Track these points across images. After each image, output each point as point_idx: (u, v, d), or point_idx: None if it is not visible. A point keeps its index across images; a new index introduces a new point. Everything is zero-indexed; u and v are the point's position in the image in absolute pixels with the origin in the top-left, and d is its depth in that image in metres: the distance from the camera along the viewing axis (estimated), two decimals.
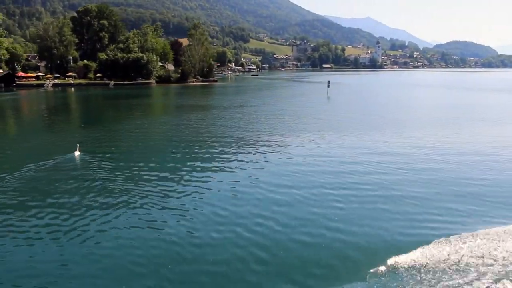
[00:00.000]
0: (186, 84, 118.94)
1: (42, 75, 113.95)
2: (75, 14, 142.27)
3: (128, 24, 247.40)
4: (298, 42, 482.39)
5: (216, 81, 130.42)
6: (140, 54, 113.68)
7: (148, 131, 36.27)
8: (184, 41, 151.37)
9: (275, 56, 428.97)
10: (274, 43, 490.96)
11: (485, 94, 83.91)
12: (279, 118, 42.11)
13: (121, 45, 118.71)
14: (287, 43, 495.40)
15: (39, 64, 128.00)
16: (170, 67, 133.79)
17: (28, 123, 46.71)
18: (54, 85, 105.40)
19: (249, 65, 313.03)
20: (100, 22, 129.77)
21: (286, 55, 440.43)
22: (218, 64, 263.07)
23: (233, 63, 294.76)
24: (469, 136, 32.44)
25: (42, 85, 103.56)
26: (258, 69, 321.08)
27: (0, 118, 49.23)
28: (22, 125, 45.66)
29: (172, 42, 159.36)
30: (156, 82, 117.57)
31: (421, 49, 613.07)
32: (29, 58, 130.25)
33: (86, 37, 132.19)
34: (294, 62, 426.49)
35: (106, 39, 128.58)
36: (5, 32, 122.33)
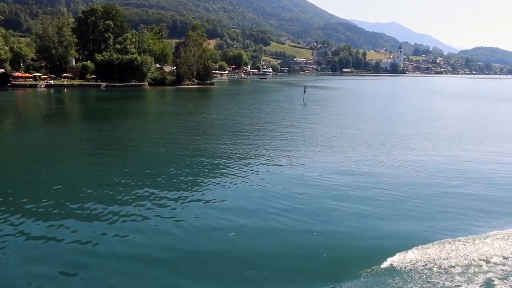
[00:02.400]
0: (180, 87, 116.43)
1: (39, 76, 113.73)
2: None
3: (149, 25, 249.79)
4: (319, 46, 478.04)
5: (212, 84, 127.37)
6: (134, 56, 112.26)
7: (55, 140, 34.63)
8: None
9: (295, 59, 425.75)
10: (295, 47, 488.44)
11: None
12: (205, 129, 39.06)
13: (118, 46, 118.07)
14: (308, 47, 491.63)
15: (42, 64, 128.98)
16: (168, 68, 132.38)
17: None
18: (47, 85, 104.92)
19: (264, 68, 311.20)
20: (106, 22, 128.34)
21: (306, 59, 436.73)
22: (233, 66, 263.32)
23: (249, 66, 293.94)
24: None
25: (35, 86, 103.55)
26: (274, 72, 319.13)
27: None
28: None
29: (179, 43, 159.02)
30: (151, 84, 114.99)
31: (445, 54, 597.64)
32: (36, 58, 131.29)
33: (91, 37, 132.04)
34: (314, 65, 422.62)
35: (111, 40, 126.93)
36: (2, 31, 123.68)
